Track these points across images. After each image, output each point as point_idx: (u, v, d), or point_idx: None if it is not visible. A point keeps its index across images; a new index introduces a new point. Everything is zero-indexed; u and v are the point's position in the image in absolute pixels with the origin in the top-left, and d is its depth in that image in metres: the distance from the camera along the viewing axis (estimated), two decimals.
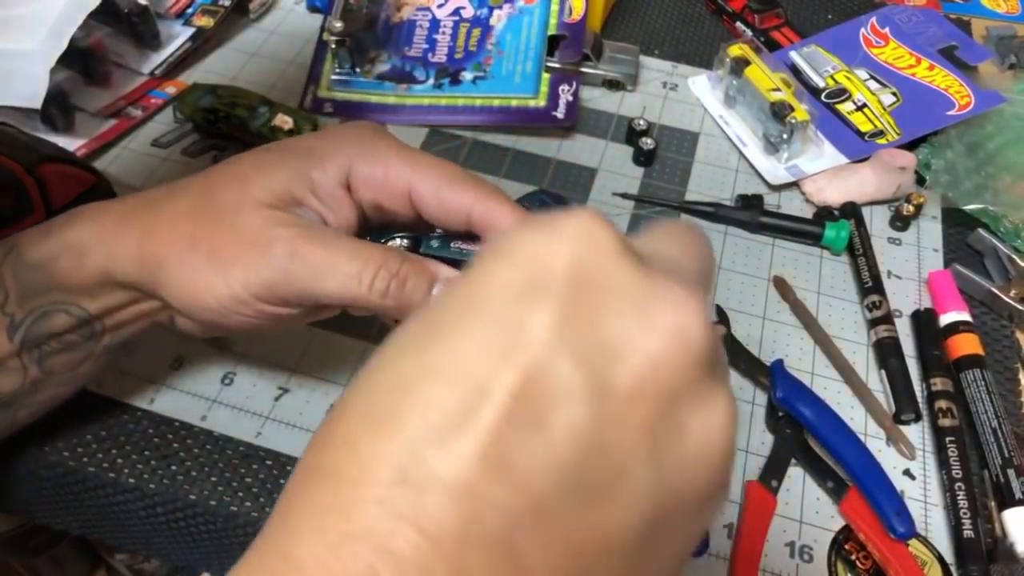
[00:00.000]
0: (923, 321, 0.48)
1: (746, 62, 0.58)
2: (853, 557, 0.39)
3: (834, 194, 0.54)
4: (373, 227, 0.35)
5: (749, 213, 0.52)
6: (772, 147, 0.56)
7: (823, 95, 0.60)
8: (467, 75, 0.59)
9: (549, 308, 0.16)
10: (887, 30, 0.65)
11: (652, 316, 0.16)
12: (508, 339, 0.16)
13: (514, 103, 0.58)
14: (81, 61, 0.56)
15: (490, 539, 0.15)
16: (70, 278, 0.33)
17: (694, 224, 0.21)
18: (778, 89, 0.56)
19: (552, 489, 0.15)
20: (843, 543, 0.40)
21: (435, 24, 0.63)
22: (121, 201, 0.34)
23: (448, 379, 0.16)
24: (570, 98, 0.57)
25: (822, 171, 0.55)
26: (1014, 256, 0.50)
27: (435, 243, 0.34)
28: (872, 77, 0.61)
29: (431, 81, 0.59)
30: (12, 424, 0.36)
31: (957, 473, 0.41)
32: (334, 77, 0.60)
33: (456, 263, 0.32)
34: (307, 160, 0.32)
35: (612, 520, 0.16)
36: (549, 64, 0.59)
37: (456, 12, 0.64)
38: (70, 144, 0.53)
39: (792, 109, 0.54)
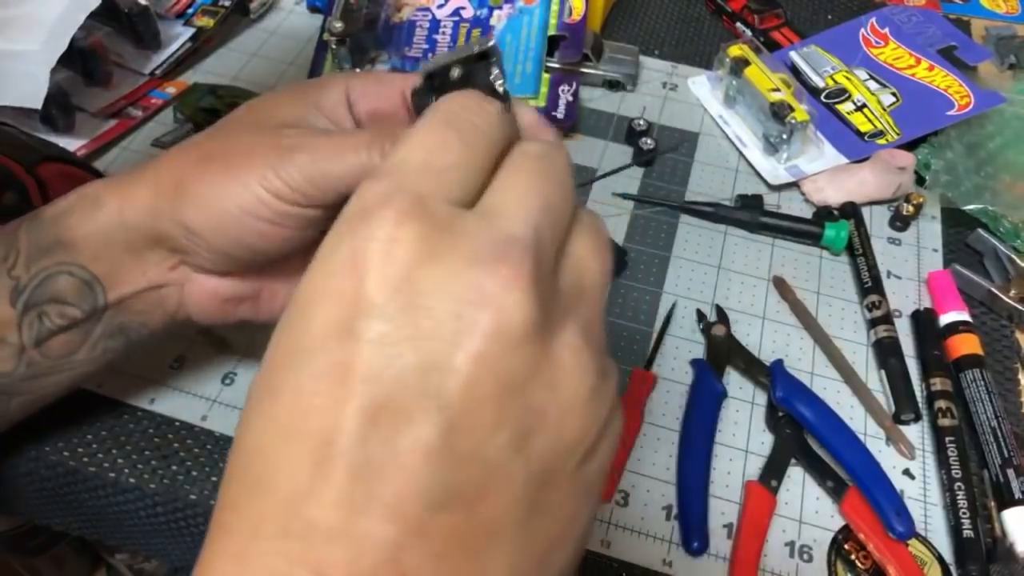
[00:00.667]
0: (923, 321, 0.48)
1: (746, 62, 0.58)
2: (853, 557, 0.39)
3: (834, 194, 0.54)
4: None
5: (749, 213, 0.53)
6: (772, 147, 0.56)
7: (823, 95, 0.60)
8: None
9: (369, 341, 0.16)
10: (887, 30, 0.65)
11: (467, 318, 0.16)
12: (336, 384, 0.16)
13: None
14: (81, 61, 0.56)
15: (377, 566, 0.16)
16: (81, 230, 0.33)
17: (549, 145, 0.21)
18: (778, 89, 0.56)
19: (424, 509, 0.16)
20: (843, 543, 0.40)
21: (435, 24, 0.63)
22: (133, 166, 0.35)
23: (296, 437, 0.17)
24: (570, 98, 0.58)
25: (822, 171, 0.55)
26: (1014, 256, 0.50)
27: None
28: (872, 77, 0.61)
29: None
30: (5, 413, 0.35)
31: (957, 473, 0.41)
32: None
33: None
34: (308, 87, 0.34)
35: (492, 512, 0.17)
36: (549, 64, 0.59)
37: (456, 12, 0.64)
38: (70, 144, 0.53)
39: (792, 109, 0.54)
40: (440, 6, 0.64)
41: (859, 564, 0.39)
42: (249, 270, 0.35)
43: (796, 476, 0.42)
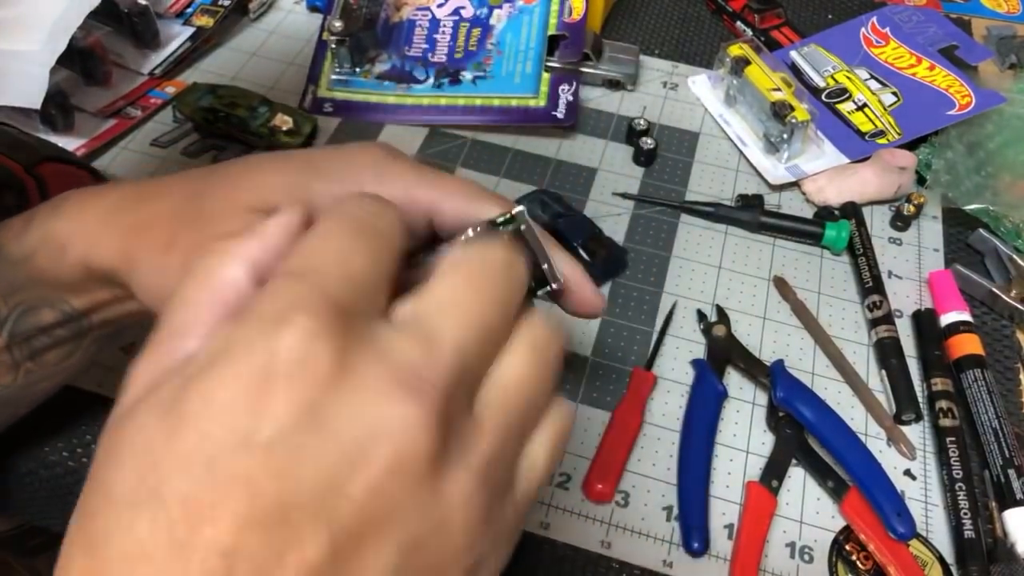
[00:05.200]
0: (924, 321, 0.48)
1: (746, 62, 0.58)
2: (854, 557, 0.39)
3: (834, 194, 0.54)
4: None
5: (749, 213, 0.52)
6: (772, 147, 0.56)
7: (823, 95, 0.60)
8: (467, 75, 0.59)
9: (268, 455, 0.16)
10: (887, 30, 0.65)
11: (368, 447, 0.16)
12: (225, 493, 0.16)
13: (514, 103, 0.58)
14: (81, 61, 0.56)
15: None
16: (52, 272, 0.32)
17: (497, 245, 0.21)
18: (778, 89, 0.56)
19: None
20: (844, 543, 0.40)
21: (435, 24, 0.63)
22: (112, 189, 0.33)
23: (179, 541, 0.16)
24: (570, 98, 0.57)
25: (822, 171, 0.55)
26: (1014, 256, 0.50)
27: None
28: (872, 77, 0.61)
29: (431, 81, 0.59)
30: (12, 416, 0.36)
31: (958, 473, 0.41)
32: (334, 77, 0.60)
33: None
34: (310, 171, 0.30)
35: None
36: (549, 64, 0.59)
37: (456, 12, 0.64)
38: (70, 144, 0.53)
39: (792, 109, 0.54)
40: (440, 5, 0.64)
41: (860, 565, 0.39)
42: None
43: (797, 476, 0.42)
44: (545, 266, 0.26)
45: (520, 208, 0.26)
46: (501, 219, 0.26)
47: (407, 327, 0.18)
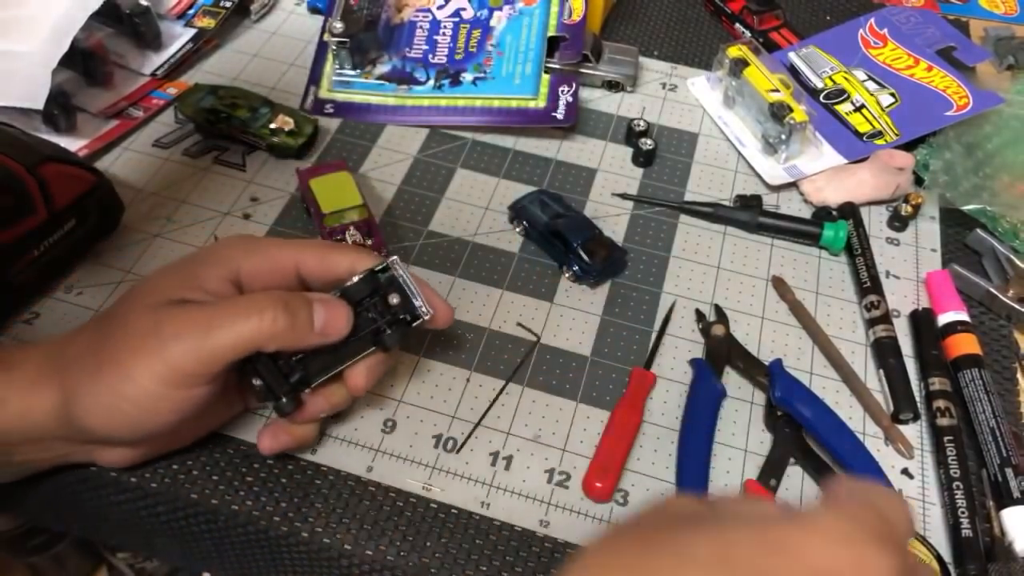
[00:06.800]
0: (921, 321, 0.48)
1: (745, 63, 0.58)
2: None
3: (832, 194, 0.54)
4: None
5: (748, 213, 0.53)
6: (771, 148, 0.56)
7: (822, 96, 0.61)
8: (467, 76, 0.60)
9: None
10: (885, 31, 0.65)
11: None
12: None
13: (514, 104, 0.58)
14: (82, 62, 0.56)
15: None
16: None
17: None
18: (777, 90, 0.56)
19: None
20: None
21: (435, 25, 0.63)
22: (35, 348, 0.36)
23: None
24: (570, 99, 0.58)
25: (820, 172, 0.56)
26: (1012, 256, 0.50)
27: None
28: (870, 78, 0.61)
29: (431, 82, 0.60)
30: None
31: (955, 472, 0.41)
32: (335, 78, 0.60)
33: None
34: (193, 263, 0.36)
35: None
36: (549, 65, 0.59)
37: (456, 13, 0.64)
38: (72, 145, 0.53)
39: (791, 110, 0.54)
40: (440, 7, 0.64)
41: None
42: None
43: (795, 475, 0.42)
44: (418, 303, 0.37)
45: (394, 258, 0.37)
46: (380, 267, 0.36)
47: None
